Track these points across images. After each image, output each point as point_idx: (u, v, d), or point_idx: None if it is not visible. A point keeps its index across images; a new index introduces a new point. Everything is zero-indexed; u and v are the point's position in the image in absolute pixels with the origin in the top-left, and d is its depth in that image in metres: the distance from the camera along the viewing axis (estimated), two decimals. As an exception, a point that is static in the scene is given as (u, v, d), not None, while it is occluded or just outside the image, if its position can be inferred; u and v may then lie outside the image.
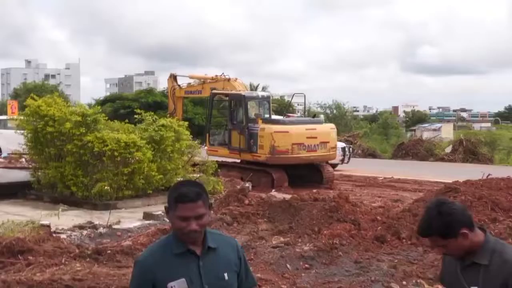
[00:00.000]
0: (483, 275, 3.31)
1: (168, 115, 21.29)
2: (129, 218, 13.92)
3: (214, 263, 3.34)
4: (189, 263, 3.30)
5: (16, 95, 70.20)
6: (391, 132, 53.51)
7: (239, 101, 21.84)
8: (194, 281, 3.27)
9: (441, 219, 3.29)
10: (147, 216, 14.07)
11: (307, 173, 21.08)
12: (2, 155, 21.09)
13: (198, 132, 22.36)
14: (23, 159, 21.29)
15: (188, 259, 3.31)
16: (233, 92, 22.54)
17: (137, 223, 13.23)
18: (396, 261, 9.68)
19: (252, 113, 21.38)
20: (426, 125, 53.88)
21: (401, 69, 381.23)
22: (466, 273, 3.38)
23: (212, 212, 13.03)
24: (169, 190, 3.41)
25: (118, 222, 13.11)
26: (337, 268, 9.37)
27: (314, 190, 16.28)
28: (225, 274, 3.34)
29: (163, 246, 3.43)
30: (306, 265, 9.48)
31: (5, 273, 8.23)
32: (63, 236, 11.38)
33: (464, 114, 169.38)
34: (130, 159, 15.84)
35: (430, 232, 3.37)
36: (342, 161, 24.75)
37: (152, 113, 18.02)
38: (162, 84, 76.27)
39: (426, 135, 43.95)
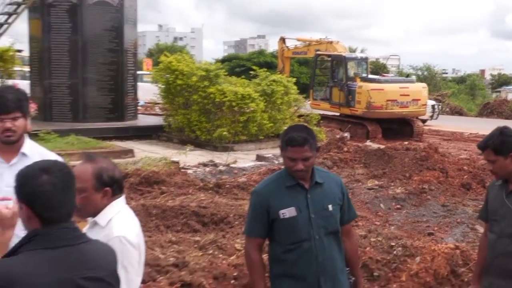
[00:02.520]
0: None
1: (278, 72, 21.22)
2: (244, 159, 14.14)
3: (320, 195, 3.34)
4: (299, 194, 3.32)
5: (150, 54, 71.91)
6: (478, 93, 51.01)
7: (340, 61, 21.52)
8: (302, 210, 3.29)
9: (499, 137, 3.33)
10: (259, 158, 14.24)
11: (398, 127, 20.60)
12: (140, 104, 21.76)
13: (303, 89, 22.16)
14: (157, 107, 22.00)
15: (297, 191, 3.33)
16: (335, 53, 22.21)
17: (251, 163, 13.41)
18: (480, 206, 9.37)
19: (351, 72, 21.01)
20: (511, 87, 51.04)
21: (490, 35, 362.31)
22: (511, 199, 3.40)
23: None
24: (281, 133, 3.43)
25: (235, 162, 13.33)
26: (425, 209, 9.16)
27: (406, 142, 15.93)
28: (329, 206, 3.34)
29: (277, 179, 3.46)
30: (398, 206, 9.33)
31: (144, 199, 8.54)
32: (189, 171, 11.72)
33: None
34: (246, 109, 15.96)
35: (487, 145, 3.39)
36: (431, 117, 23.93)
37: (265, 70, 18.07)
38: (271, 47, 75.90)
39: (510, 96, 41.55)
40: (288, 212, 3.30)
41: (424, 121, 22.33)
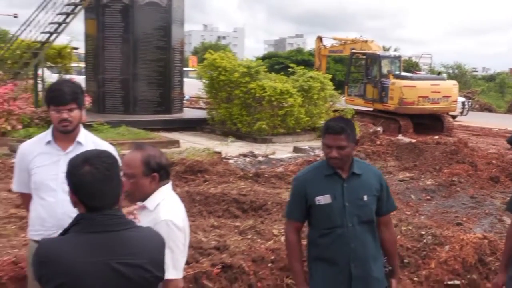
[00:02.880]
0: None
1: (315, 69, 21.12)
2: (282, 151, 14.08)
3: (356, 186, 3.32)
4: (335, 183, 3.30)
5: (195, 52, 72.39)
6: (507, 91, 49.57)
7: (374, 59, 21.32)
8: (337, 198, 3.28)
9: None
10: (296, 149, 14.17)
11: (429, 122, 20.28)
12: (186, 98, 21.92)
13: (338, 86, 21.99)
14: (201, 101, 22.14)
15: (335, 180, 3.31)
16: (370, 52, 21.99)
17: (288, 155, 13.33)
18: (508, 198, 9.17)
19: (384, 70, 20.79)
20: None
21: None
22: None
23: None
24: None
25: (273, 153, 13.32)
26: (454, 201, 9.00)
27: (436, 136, 15.69)
28: (364, 196, 3.31)
29: (316, 168, 3.47)
30: (428, 197, 9.18)
31: (188, 186, 8.60)
32: (230, 161, 11.74)
33: None
34: (284, 103, 15.91)
35: None
36: (461, 113, 23.48)
37: (303, 67, 18.01)
38: (309, 45, 75.36)
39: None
40: (323, 199, 3.30)
41: (454, 117, 21.96)
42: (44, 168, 3.43)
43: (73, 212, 2.92)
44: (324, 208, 3.29)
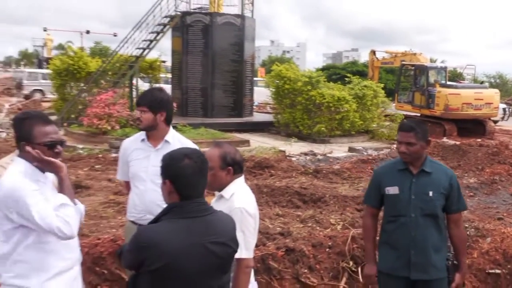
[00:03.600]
0: None
1: (368, 79, 20.73)
2: (338, 150, 13.94)
3: (424, 182, 3.23)
4: (405, 177, 3.26)
5: (263, 64, 72.64)
6: (546, 98, 47.14)
7: (422, 70, 20.64)
8: (404, 190, 3.23)
9: None
10: (350, 149, 14.01)
11: (472, 126, 19.43)
12: (255, 104, 22.04)
13: (389, 93, 21.51)
14: (268, 107, 22.20)
15: (405, 175, 3.27)
16: (418, 63, 21.34)
17: (343, 154, 13.19)
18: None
19: (431, 79, 20.09)
20: None
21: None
22: None
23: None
24: None
25: (330, 152, 13.20)
26: (496, 197, 8.58)
27: (478, 139, 15.04)
28: (430, 192, 3.21)
29: (393, 163, 3.47)
30: (471, 194, 8.79)
31: (256, 179, 8.64)
32: (293, 159, 11.72)
33: None
34: (340, 109, 15.78)
35: None
36: (502, 118, 22.44)
37: (358, 77, 17.76)
38: (363, 58, 73.99)
39: None
40: (392, 190, 3.29)
41: (495, 121, 20.98)
42: (138, 161, 3.52)
43: (159, 200, 2.99)
44: (392, 197, 3.29)
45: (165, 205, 2.33)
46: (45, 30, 60.69)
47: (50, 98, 23.52)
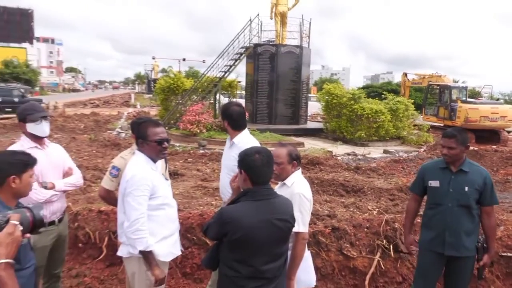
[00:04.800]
0: None
1: (401, 96, 19.97)
2: (375, 152, 13.56)
3: (462, 179, 3.12)
4: (446, 174, 3.17)
5: (315, 83, 71.91)
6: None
7: (446, 89, 19.62)
8: (444, 185, 3.14)
9: None
10: (385, 151, 13.57)
11: (489, 135, 18.23)
12: (309, 114, 21.85)
13: (417, 107, 20.62)
14: (319, 117, 21.93)
15: (446, 172, 3.19)
16: (443, 83, 20.33)
17: (379, 155, 12.83)
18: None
19: (454, 96, 19.06)
20: None
21: None
22: None
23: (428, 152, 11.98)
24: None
25: (369, 153, 12.87)
26: (509, 194, 8.01)
27: (494, 146, 14.09)
28: (466, 187, 3.09)
29: (436, 162, 3.36)
30: (487, 190, 8.30)
31: (309, 173, 8.59)
32: (338, 158, 11.52)
33: None
34: (377, 119, 15.31)
35: None
36: (515, 129, 20.91)
37: (392, 94, 17.17)
38: (396, 79, 71.34)
39: None
40: (433, 183, 3.23)
41: (509, 132, 19.56)
42: (224, 153, 3.59)
43: (226, 185, 3.06)
44: (433, 189, 3.23)
45: (230, 189, 2.37)
46: (153, 58, 63.46)
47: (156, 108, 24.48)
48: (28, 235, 1.73)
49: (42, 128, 3.13)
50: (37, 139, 3.16)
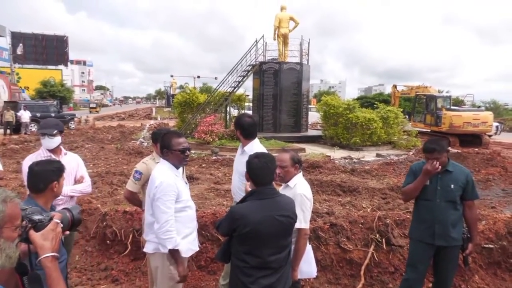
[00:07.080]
0: None
1: (391, 105, 19.86)
2: (368, 156, 13.47)
3: (447, 178, 3.11)
4: (434, 174, 3.12)
5: (315, 96, 71.83)
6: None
7: (432, 98, 19.48)
8: (433, 183, 3.13)
9: None
10: (378, 155, 13.47)
11: (471, 139, 18.03)
12: (309, 123, 21.76)
13: (407, 115, 20.56)
14: (318, 125, 21.85)
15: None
16: (429, 93, 20.21)
17: (372, 158, 12.74)
18: (531, 192, 7.84)
19: (439, 105, 18.92)
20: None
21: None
22: None
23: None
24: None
25: (363, 157, 12.80)
26: (489, 192, 7.92)
27: (476, 149, 13.93)
28: (452, 185, 3.09)
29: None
30: (470, 188, 8.19)
31: (310, 175, 8.56)
32: (336, 161, 11.48)
33: None
34: (370, 126, 15.21)
35: None
36: (495, 133, 20.70)
37: (383, 104, 17.09)
38: (387, 90, 70.89)
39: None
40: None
41: (490, 136, 19.34)
42: (235, 159, 3.59)
43: (237, 187, 3.05)
44: (423, 187, 3.19)
45: (241, 191, 2.36)
46: (171, 76, 63.97)
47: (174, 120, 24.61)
48: (67, 232, 1.76)
49: (45, 142, 3.23)
50: (52, 150, 3.23)
